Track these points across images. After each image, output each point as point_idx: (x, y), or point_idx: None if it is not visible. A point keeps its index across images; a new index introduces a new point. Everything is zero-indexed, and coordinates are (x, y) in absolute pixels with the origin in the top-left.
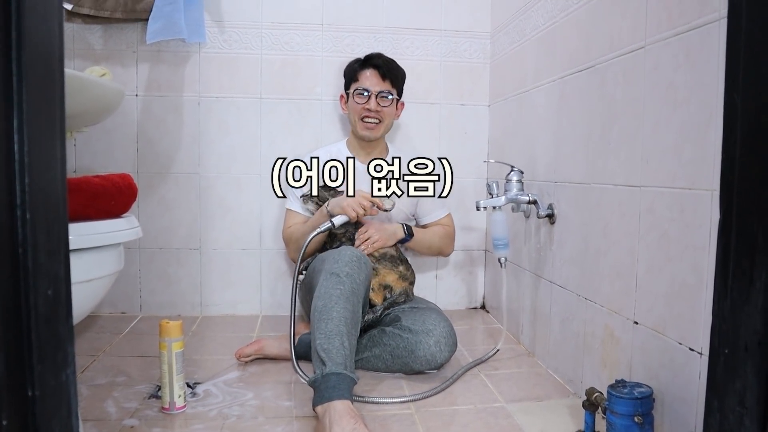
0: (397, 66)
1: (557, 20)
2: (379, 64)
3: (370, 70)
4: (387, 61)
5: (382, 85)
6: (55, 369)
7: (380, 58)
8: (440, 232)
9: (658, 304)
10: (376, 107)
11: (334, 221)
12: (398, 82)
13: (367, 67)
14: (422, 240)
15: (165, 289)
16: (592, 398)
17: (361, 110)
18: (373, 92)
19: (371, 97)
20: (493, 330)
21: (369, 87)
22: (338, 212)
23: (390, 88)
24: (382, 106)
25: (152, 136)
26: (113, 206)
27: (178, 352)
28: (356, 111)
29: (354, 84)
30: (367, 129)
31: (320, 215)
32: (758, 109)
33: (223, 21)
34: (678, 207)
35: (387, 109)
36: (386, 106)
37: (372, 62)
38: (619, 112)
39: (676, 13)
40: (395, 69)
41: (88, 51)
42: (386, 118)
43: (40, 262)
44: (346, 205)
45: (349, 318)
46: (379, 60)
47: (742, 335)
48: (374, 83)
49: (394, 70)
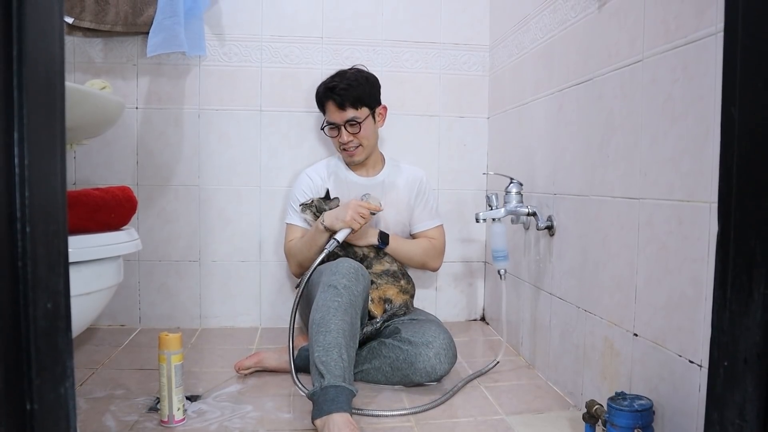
0: (358, 83)
1: (555, 34)
2: (335, 96)
3: (330, 103)
4: (343, 87)
5: (345, 114)
6: (54, 382)
7: (335, 88)
8: (424, 245)
9: (657, 317)
10: (349, 137)
11: (337, 238)
12: (363, 101)
13: (327, 99)
14: (400, 250)
15: (164, 301)
16: (593, 410)
17: (338, 143)
18: (340, 124)
19: (341, 129)
20: (493, 342)
21: (335, 120)
22: (340, 226)
23: (355, 113)
24: (353, 132)
25: (152, 148)
26: (113, 219)
27: (178, 365)
28: (334, 143)
29: (324, 115)
30: (350, 156)
31: (317, 231)
32: (755, 123)
33: (223, 34)
34: (676, 219)
35: (361, 132)
36: (357, 132)
37: (328, 94)
38: (617, 125)
39: (674, 27)
40: (354, 90)
41: (89, 64)
42: (365, 138)
43: (39, 275)
44: (349, 219)
45: (347, 330)
46: (334, 91)
47: (742, 348)
48: (338, 115)
49: (354, 94)
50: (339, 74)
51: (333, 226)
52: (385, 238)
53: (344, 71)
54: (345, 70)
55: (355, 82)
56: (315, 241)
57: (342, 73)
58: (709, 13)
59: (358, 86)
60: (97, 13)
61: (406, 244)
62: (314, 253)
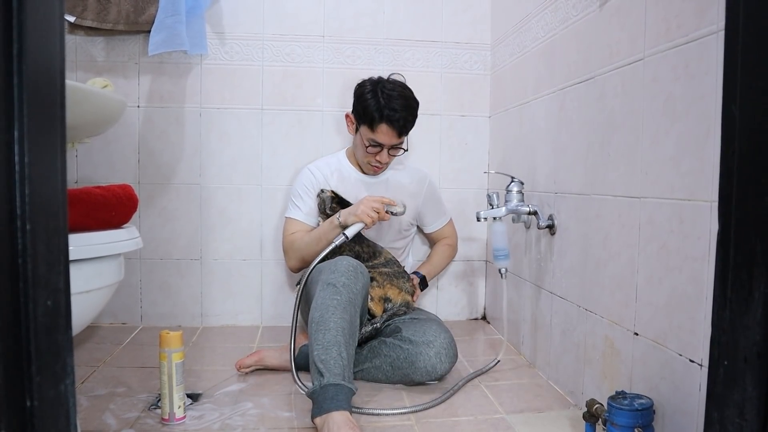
0: (414, 112)
1: (557, 32)
2: (397, 121)
3: (386, 126)
4: (405, 115)
5: (397, 140)
6: (54, 380)
7: (399, 112)
8: (446, 253)
9: (658, 316)
10: (387, 159)
11: (347, 233)
12: (411, 128)
13: (384, 122)
14: (434, 273)
15: (165, 299)
16: (593, 410)
17: (372, 159)
18: (386, 146)
19: (384, 150)
20: (494, 341)
21: (383, 142)
22: (352, 221)
23: (401, 140)
24: (393, 155)
25: (154, 147)
26: (114, 217)
27: (179, 363)
28: (365, 156)
29: (369, 132)
30: (376, 170)
31: (330, 226)
32: (756, 121)
33: (224, 33)
34: (677, 218)
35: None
36: (396, 155)
37: (390, 118)
38: (618, 124)
39: (675, 26)
40: (411, 119)
41: (91, 63)
42: (394, 159)
43: (39, 272)
44: (360, 212)
45: (346, 328)
46: (396, 116)
47: (742, 347)
48: (389, 139)
49: (410, 122)
50: (400, 96)
51: (346, 220)
52: (423, 279)
53: (408, 95)
54: (409, 94)
55: (415, 113)
56: (326, 236)
57: (408, 99)
58: (710, 12)
59: (414, 116)
60: (98, 12)
61: (436, 267)
62: (322, 248)
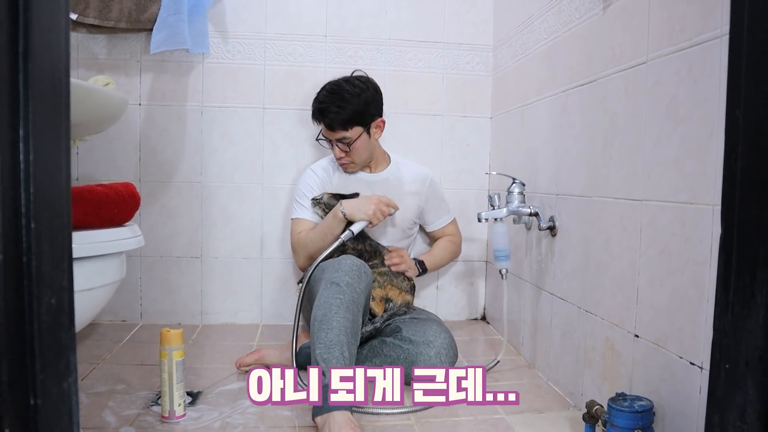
0: (350, 104)
1: (560, 34)
2: (325, 118)
3: (317, 121)
4: (334, 111)
5: (335, 134)
6: (58, 378)
7: (328, 109)
8: (449, 248)
9: (659, 318)
10: (340, 153)
11: (353, 229)
12: (354, 122)
13: (315, 116)
14: (435, 265)
15: (165, 297)
16: (593, 411)
17: (333, 154)
18: (332, 140)
19: (333, 145)
20: (494, 341)
21: (328, 136)
22: (360, 217)
23: (345, 134)
24: (345, 151)
25: (155, 145)
26: (116, 215)
27: (179, 361)
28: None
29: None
30: (344, 168)
31: (335, 220)
32: (760, 126)
33: (227, 32)
34: (679, 221)
35: (353, 151)
36: (348, 151)
37: (318, 116)
38: (620, 126)
39: (678, 29)
40: (345, 113)
41: (93, 60)
42: (357, 154)
43: (44, 270)
44: (372, 213)
45: (349, 327)
46: (326, 112)
47: (744, 350)
48: (329, 134)
49: (344, 116)
50: (333, 91)
51: (353, 216)
52: (422, 265)
53: (340, 85)
54: (341, 83)
55: (348, 103)
56: (331, 229)
57: (337, 89)
58: (715, 16)
59: (349, 107)
60: (101, 10)
61: (436, 259)
62: (328, 243)
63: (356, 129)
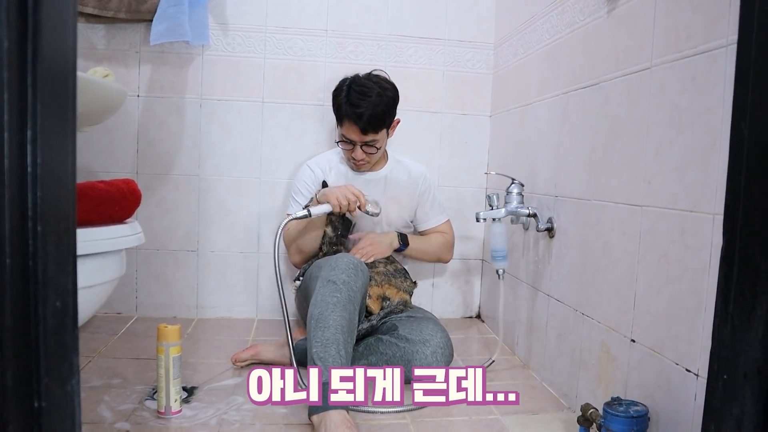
0: (382, 110)
1: (563, 36)
2: (361, 121)
3: (351, 123)
4: (370, 114)
5: (364, 138)
6: (61, 380)
7: (364, 113)
8: (438, 241)
9: (656, 324)
10: (362, 156)
11: (312, 210)
12: (383, 126)
13: (349, 120)
14: (418, 248)
15: (161, 290)
16: (588, 414)
17: (349, 155)
18: (357, 142)
19: (356, 146)
20: (489, 340)
21: (353, 138)
22: (323, 200)
23: (374, 137)
24: (368, 153)
25: (153, 137)
26: (117, 212)
27: (176, 357)
28: (345, 153)
29: (339, 127)
30: (357, 168)
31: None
32: (765, 139)
33: (227, 24)
34: (679, 229)
35: (375, 153)
36: (372, 153)
37: (353, 118)
38: (622, 131)
39: (684, 37)
40: (378, 118)
41: (91, 51)
42: (376, 155)
43: (49, 274)
44: (330, 192)
45: (345, 326)
46: (362, 116)
47: (742, 362)
48: (357, 137)
49: (376, 121)
50: (364, 93)
51: (320, 198)
52: (404, 239)
53: (369, 87)
54: (370, 85)
55: (380, 108)
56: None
57: (368, 90)
58: (721, 25)
59: (382, 115)
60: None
61: (422, 242)
62: (309, 231)
63: (383, 131)
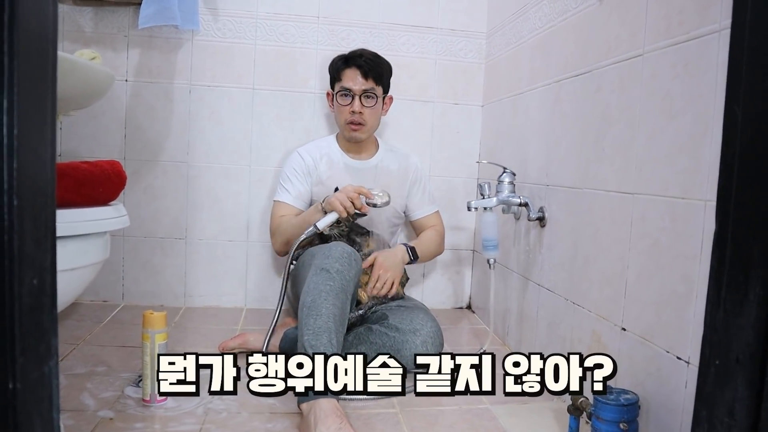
0: (381, 62)
1: (555, 24)
2: (361, 63)
3: (351, 70)
4: (369, 59)
5: (365, 84)
6: (38, 361)
7: (362, 57)
8: (435, 239)
9: (646, 312)
10: (360, 108)
11: (318, 225)
12: (382, 79)
13: (349, 66)
14: (423, 254)
15: (148, 278)
16: (578, 403)
17: (347, 113)
18: (356, 92)
19: (355, 98)
20: (479, 330)
21: (352, 87)
22: (329, 209)
23: (374, 85)
24: (367, 106)
25: (141, 122)
26: (101, 193)
27: (162, 344)
28: (341, 113)
29: (337, 83)
30: (353, 130)
31: (314, 210)
32: (759, 122)
33: (217, 9)
34: (670, 216)
35: (372, 109)
36: (371, 106)
37: (353, 61)
38: (613, 119)
39: (676, 23)
40: (378, 66)
41: (78, 33)
42: (371, 119)
43: (26, 250)
44: (332, 200)
45: (337, 315)
46: (361, 59)
47: (734, 347)
48: (357, 83)
49: (377, 67)
50: (361, 49)
51: (326, 207)
52: (414, 252)
53: (364, 49)
54: (367, 50)
55: (379, 60)
56: (310, 221)
57: (363, 49)
58: (713, 10)
59: (382, 65)
60: None
61: (425, 247)
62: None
63: (380, 88)
